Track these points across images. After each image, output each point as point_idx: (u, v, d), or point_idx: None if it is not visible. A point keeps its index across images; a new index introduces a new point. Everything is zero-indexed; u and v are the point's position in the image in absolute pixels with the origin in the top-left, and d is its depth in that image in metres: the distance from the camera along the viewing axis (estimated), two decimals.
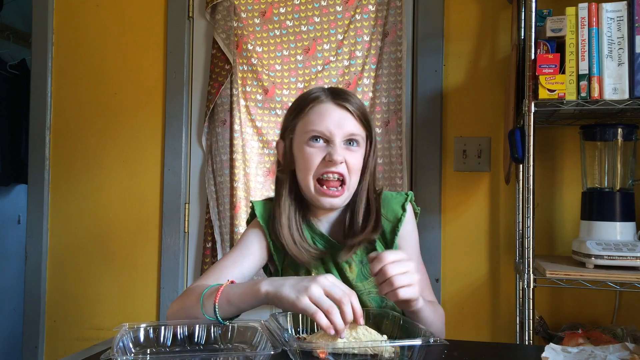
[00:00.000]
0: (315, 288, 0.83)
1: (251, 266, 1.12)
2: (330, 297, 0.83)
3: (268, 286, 0.89)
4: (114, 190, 2.16)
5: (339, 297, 0.83)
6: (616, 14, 1.39)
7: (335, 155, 1.06)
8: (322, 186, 1.08)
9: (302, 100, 1.13)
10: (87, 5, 2.22)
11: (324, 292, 0.83)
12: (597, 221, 1.49)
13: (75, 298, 2.18)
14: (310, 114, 1.09)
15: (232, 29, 2.02)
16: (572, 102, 1.38)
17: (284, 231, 1.10)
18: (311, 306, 0.82)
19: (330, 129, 1.07)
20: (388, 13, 1.91)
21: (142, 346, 0.86)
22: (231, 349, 0.89)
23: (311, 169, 1.08)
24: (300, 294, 0.84)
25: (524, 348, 1.26)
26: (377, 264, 0.89)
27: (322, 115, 1.08)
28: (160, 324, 0.89)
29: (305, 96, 1.13)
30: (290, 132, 1.13)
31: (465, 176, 1.85)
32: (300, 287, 0.85)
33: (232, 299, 0.93)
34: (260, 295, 0.90)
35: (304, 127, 1.10)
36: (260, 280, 0.92)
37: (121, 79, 2.17)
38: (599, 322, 1.69)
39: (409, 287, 0.89)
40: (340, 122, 1.07)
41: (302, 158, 1.09)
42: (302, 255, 1.10)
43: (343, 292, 0.84)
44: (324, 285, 0.84)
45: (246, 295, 0.92)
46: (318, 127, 1.07)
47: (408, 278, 0.89)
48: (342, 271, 1.13)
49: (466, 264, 1.82)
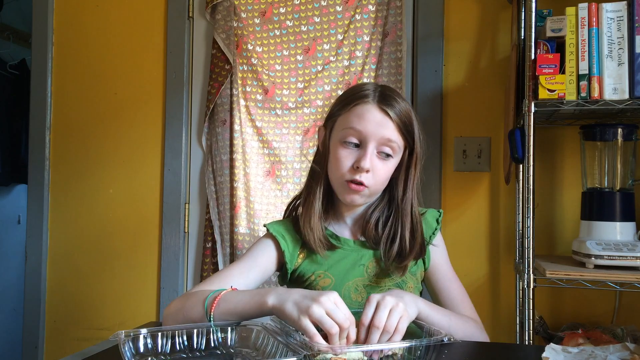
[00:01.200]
0: (317, 309, 0.83)
1: (256, 278, 1.12)
2: (333, 319, 0.84)
3: (274, 299, 0.90)
4: (114, 190, 2.17)
5: (341, 321, 0.83)
6: (616, 14, 1.38)
7: (363, 163, 1.05)
8: (346, 182, 1.09)
9: (352, 94, 1.12)
10: (87, 5, 2.22)
11: (326, 314, 0.84)
12: (597, 221, 1.49)
13: (75, 298, 2.18)
14: (352, 112, 1.09)
15: (232, 29, 2.02)
16: (572, 102, 1.38)
17: (310, 220, 1.11)
18: (311, 328, 0.82)
19: (366, 132, 1.06)
20: (388, 13, 1.91)
21: (142, 355, 0.84)
22: (244, 354, 0.88)
23: (340, 171, 1.08)
24: (302, 314, 0.84)
25: (524, 348, 1.26)
26: (363, 329, 0.88)
27: (362, 117, 1.07)
28: (157, 330, 0.87)
29: (356, 91, 1.12)
30: (331, 122, 1.13)
31: (465, 176, 1.85)
32: (303, 306, 0.85)
33: (236, 308, 0.93)
34: (266, 308, 0.91)
35: (342, 123, 1.10)
36: (267, 292, 0.92)
37: (121, 79, 2.17)
38: (599, 322, 1.69)
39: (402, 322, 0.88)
40: (378, 127, 1.06)
41: (334, 157, 1.10)
42: (320, 246, 1.11)
43: (344, 316, 0.84)
44: (326, 307, 0.84)
45: (251, 306, 0.92)
46: (356, 128, 1.07)
47: (394, 318, 0.88)
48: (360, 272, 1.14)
49: (466, 264, 1.82)
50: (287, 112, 2.00)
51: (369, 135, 1.06)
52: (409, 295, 0.98)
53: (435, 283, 1.19)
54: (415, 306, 0.96)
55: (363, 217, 1.17)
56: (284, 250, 1.13)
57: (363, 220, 1.16)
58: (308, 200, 1.14)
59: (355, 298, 1.12)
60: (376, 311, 0.88)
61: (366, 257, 1.15)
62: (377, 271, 1.14)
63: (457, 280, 1.20)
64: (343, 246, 1.15)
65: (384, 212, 1.15)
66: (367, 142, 1.07)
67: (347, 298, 1.11)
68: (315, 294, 0.87)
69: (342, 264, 1.13)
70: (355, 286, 1.13)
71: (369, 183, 1.08)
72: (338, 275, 1.13)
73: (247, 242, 1.97)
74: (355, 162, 1.07)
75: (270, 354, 0.82)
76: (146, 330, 0.85)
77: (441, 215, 1.23)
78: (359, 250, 1.15)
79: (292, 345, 0.79)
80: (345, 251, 1.15)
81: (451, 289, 1.18)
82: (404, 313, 0.88)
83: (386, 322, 0.86)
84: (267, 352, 0.83)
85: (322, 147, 1.16)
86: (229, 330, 0.91)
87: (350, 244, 1.16)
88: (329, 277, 1.12)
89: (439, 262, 1.20)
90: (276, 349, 0.82)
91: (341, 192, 1.10)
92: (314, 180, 1.16)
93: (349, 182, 1.08)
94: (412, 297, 0.97)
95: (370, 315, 0.88)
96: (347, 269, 1.13)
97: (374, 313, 0.87)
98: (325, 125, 1.16)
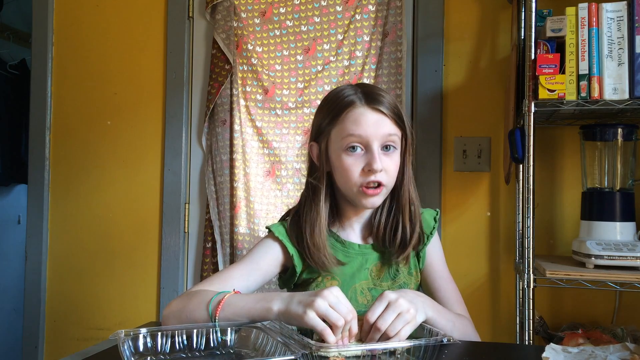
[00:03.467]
0: (321, 302, 0.85)
1: (257, 280, 1.12)
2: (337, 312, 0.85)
3: (279, 304, 0.91)
4: (114, 190, 2.16)
5: (344, 313, 0.85)
6: (616, 14, 1.38)
7: (375, 165, 1.05)
8: (362, 187, 1.08)
9: (336, 104, 1.10)
10: (87, 5, 2.22)
11: (330, 307, 0.85)
12: (597, 221, 1.49)
13: (75, 298, 2.18)
14: (346, 121, 1.08)
15: (232, 29, 2.02)
16: (572, 102, 1.38)
17: (315, 238, 1.10)
18: (319, 323, 0.84)
19: (367, 135, 1.06)
20: (388, 13, 1.90)
21: (141, 354, 0.84)
22: (242, 354, 0.88)
23: (352, 179, 1.08)
24: (308, 309, 0.85)
25: (524, 348, 1.26)
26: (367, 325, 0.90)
27: (358, 122, 1.07)
28: (157, 330, 0.87)
29: (339, 100, 1.10)
30: (325, 137, 1.12)
31: (465, 176, 1.85)
32: (307, 301, 0.86)
33: (241, 312, 0.94)
34: (271, 314, 0.91)
35: (340, 133, 1.09)
36: (272, 298, 0.93)
37: (121, 79, 2.17)
38: (599, 322, 1.69)
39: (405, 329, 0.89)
40: (377, 127, 1.06)
41: (341, 167, 1.09)
42: (327, 263, 1.10)
43: (347, 309, 0.86)
44: (329, 300, 0.86)
45: (256, 310, 0.93)
46: (354, 134, 1.06)
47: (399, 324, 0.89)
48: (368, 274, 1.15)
49: (466, 264, 1.82)
50: (287, 112, 2.00)
51: (370, 137, 1.06)
52: (421, 300, 0.98)
53: (432, 282, 1.20)
54: (424, 313, 0.97)
55: (371, 220, 1.17)
56: (292, 254, 1.12)
57: (372, 223, 1.17)
58: (310, 216, 1.12)
59: (362, 301, 1.13)
60: (384, 311, 0.89)
61: (370, 261, 1.15)
62: (381, 274, 1.15)
63: (452, 280, 1.22)
64: (348, 250, 1.15)
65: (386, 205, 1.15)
66: (371, 144, 1.06)
67: (353, 301, 1.11)
68: (318, 290, 0.89)
69: (348, 267, 1.14)
70: (362, 289, 1.13)
71: (386, 181, 1.08)
72: (344, 278, 1.13)
73: (247, 242, 1.97)
74: (365, 166, 1.06)
75: (270, 354, 0.82)
76: (146, 329, 0.85)
77: (438, 214, 1.23)
78: (364, 254, 1.15)
79: (291, 345, 0.79)
80: (350, 255, 1.15)
81: (447, 289, 1.19)
82: (411, 320, 0.89)
83: (390, 325, 0.87)
84: (267, 352, 0.83)
85: (319, 162, 1.14)
86: (228, 331, 0.91)
87: (355, 247, 1.15)
88: (336, 279, 1.13)
89: (436, 262, 1.21)
90: (275, 348, 0.82)
91: (359, 198, 1.09)
92: (315, 196, 1.13)
93: (364, 188, 1.07)
94: (423, 303, 0.98)
95: (377, 314, 0.89)
96: (353, 272, 1.14)
97: (382, 312, 0.89)
98: (318, 141, 1.14)
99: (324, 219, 1.11)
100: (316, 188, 1.13)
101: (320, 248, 1.09)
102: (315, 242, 1.09)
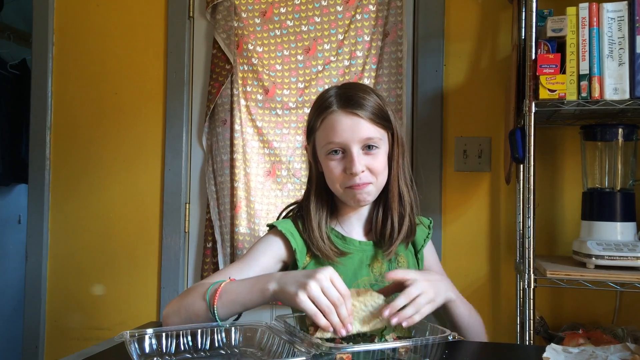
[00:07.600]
0: (314, 285, 0.86)
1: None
2: (327, 297, 0.86)
3: (275, 284, 0.92)
4: (114, 190, 2.16)
5: (335, 299, 0.86)
6: (617, 14, 1.38)
7: (354, 168, 1.06)
8: (346, 187, 1.10)
9: (319, 105, 1.13)
10: (88, 5, 2.22)
11: (322, 291, 0.86)
12: (597, 221, 1.49)
13: (76, 298, 2.18)
14: (324, 126, 1.10)
15: (232, 29, 2.02)
16: (572, 102, 1.38)
17: (314, 233, 1.12)
18: (311, 307, 0.85)
19: (343, 140, 1.07)
20: (388, 13, 1.90)
21: (147, 355, 0.84)
22: (247, 354, 0.88)
23: (336, 181, 1.10)
24: (300, 290, 0.86)
25: (525, 348, 1.26)
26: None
27: (334, 128, 1.08)
28: (161, 331, 0.87)
29: (321, 103, 1.13)
30: (312, 139, 1.15)
31: (465, 176, 1.85)
32: (301, 282, 0.87)
33: (238, 298, 0.95)
34: (268, 294, 0.92)
35: (321, 138, 1.12)
36: (267, 279, 0.94)
37: (121, 79, 2.17)
38: (600, 323, 1.69)
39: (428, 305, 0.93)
40: (353, 131, 1.07)
41: (326, 168, 1.12)
42: (329, 254, 1.11)
43: (338, 295, 0.87)
44: (322, 284, 0.86)
45: (253, 294, 0.94)
46: (332, 140, 1.08)
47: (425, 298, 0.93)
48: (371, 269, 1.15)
49: (466, 264, 1.82)
50: (288, 112, 2.00)
51: (347, 142, 1.07)
52: (444, 284, 1.02)
53: None
54: (445, 297, 0.99)
55: (370, 216, 1.18)
56: (295, 248, 1.13)
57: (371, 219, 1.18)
58: (307, 212, 1.15)
59: None
60: (410, 287, 0.92)
61: (370, 257, 1.16)
62: (381, 270, 1.15)
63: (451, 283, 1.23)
64: (348, 246, 1.15)
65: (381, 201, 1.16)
66: (350, 148, 1.08)
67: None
68: (312, 270, 0.90)
69: (349, 264, 1.14)
70: (364, 285, 1.13)
71: (371, 179, 1.09)
72: (346, 274, 1.13)
73: (247, 242, 1.97)
74: (347, 169, 1.08)
75: (276, 354, 0.82)
76: (152, 330, 0.85)
77: (432, 222, 1.26)
78: (364, 250, 1.16)
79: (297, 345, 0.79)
80: (351, 251, 1.15)
81: None
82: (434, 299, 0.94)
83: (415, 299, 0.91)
84: (273, 352, 0.83)
85: (313, 161, 1.17)
86: (233, 330, 0.90)
87: (356, 244, 1.16)
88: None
89: (434, 267, 1.25)
90: (282, 348, 0.82)
91: (348, 199, 1.12)
92: (309, 194, 1.17)
93: (349, 188, 1.09)
94: (445, 286, 1.01)
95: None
96: (354, 268, 1.14)
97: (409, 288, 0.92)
98: (308, 141, 1.17)
99: (315, 216, 1.14)
100: (310, 186, 1.17)
101: (319, 240, 1.11)
102: (314, 233, 1.12)
